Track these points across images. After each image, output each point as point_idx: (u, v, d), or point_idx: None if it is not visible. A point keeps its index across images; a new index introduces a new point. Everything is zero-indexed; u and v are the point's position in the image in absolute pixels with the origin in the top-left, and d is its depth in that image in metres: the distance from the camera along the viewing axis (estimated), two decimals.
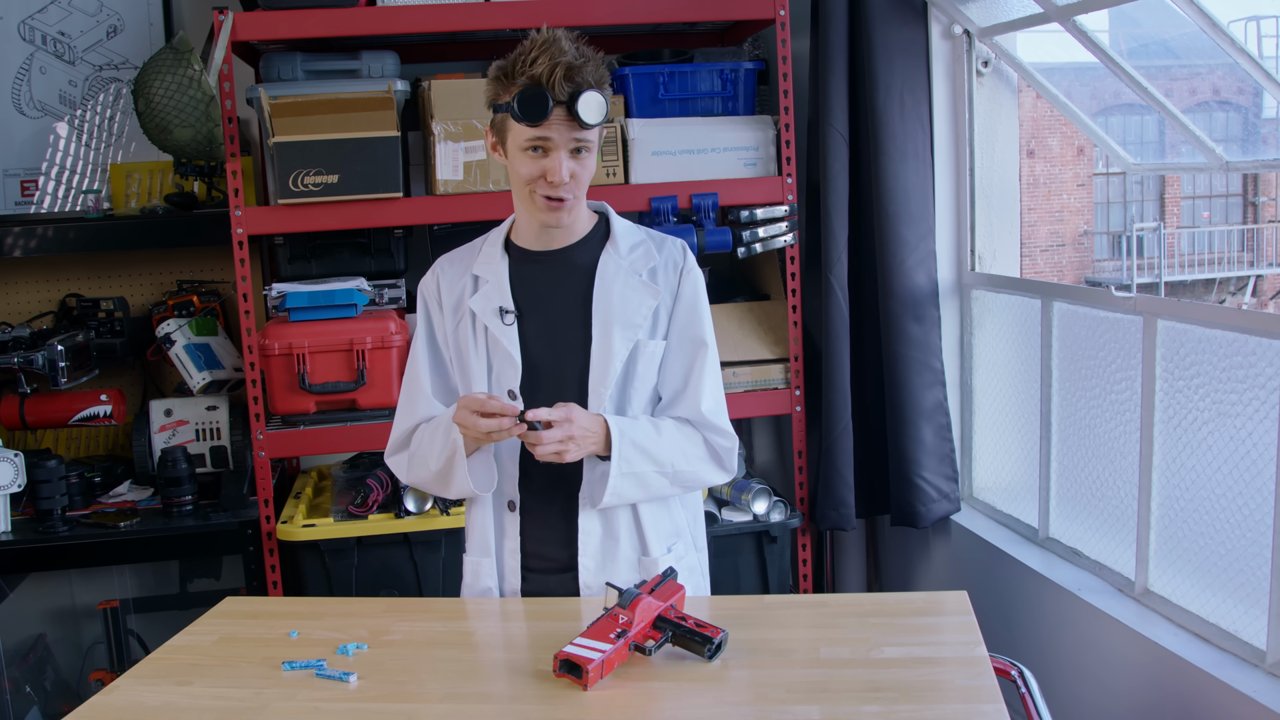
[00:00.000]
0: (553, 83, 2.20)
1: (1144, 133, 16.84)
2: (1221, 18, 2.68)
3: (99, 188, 4.12)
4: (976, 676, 1.95)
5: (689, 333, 2.44)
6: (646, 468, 2.34)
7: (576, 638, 2.01)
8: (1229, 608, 2.68)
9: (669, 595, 2.13)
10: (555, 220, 2.33)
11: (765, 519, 3.71)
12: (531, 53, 2.22)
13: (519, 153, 2.28)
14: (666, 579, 2.17)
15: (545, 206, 2.30)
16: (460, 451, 2.32)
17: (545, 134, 2.23)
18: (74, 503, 3.64)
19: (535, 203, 2.31)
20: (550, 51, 2.21)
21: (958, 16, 3.62)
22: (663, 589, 2.13)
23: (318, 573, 3.51)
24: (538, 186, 2.28)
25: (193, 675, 2.09)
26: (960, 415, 3.83)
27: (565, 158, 2.25)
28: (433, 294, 2.49)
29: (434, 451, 2.37)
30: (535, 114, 2.20)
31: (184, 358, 3.77)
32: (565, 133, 2.24)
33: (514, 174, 2.32)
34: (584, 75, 2.22)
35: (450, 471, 2.36)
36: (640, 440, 2.34)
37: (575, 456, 2.28)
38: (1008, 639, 3.35)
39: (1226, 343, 2.68)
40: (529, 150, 2.26)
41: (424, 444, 2.41)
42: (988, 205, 3.77)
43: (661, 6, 3.63)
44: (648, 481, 2.36)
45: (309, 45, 3.74)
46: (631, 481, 2.34)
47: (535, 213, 2.33)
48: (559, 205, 2.30)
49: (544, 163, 2.26)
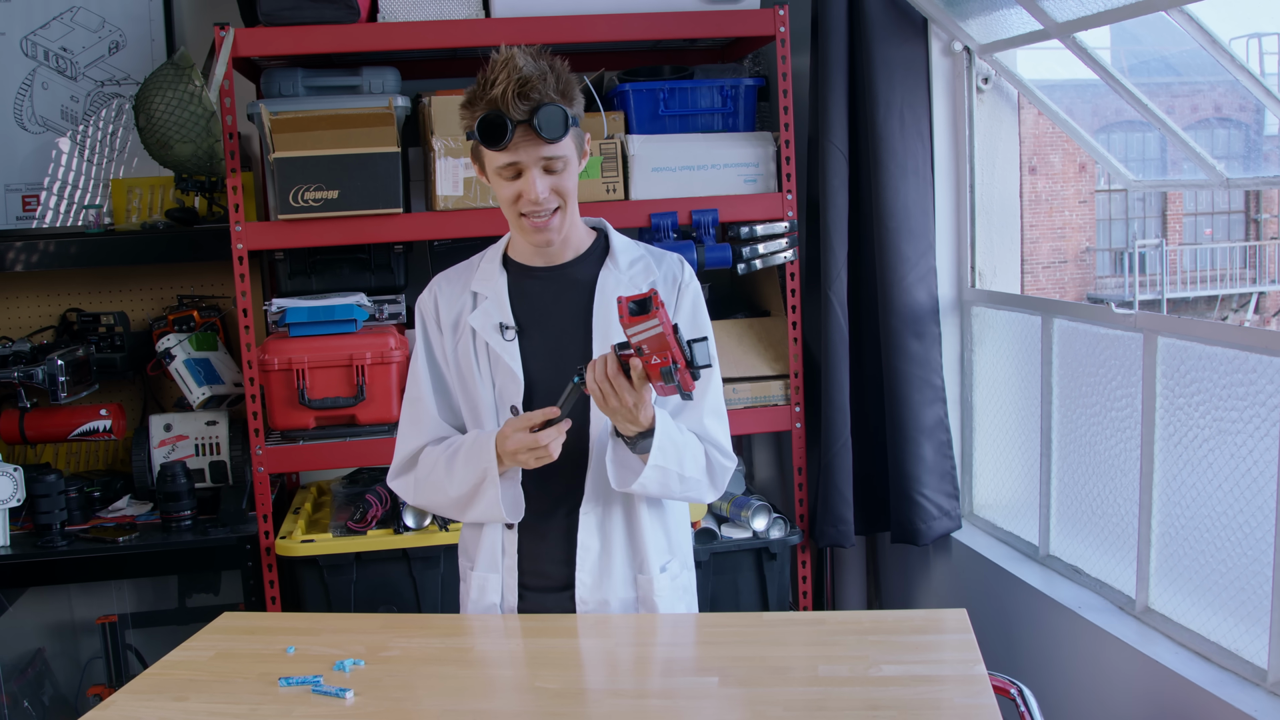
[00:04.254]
0: (507, 103, 2.18)
1: (1145, 149, 16.83)
2: (1222, 35, 2.68)
3: (100, 203, 4.12)
4: (976, 695, 1.95)
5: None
6: (673, 466, 2.32)
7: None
8: (1230, 626, 2.67)
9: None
10: (543, 240, 2.33)
11: (765, 536, 3.70)
12: (491, 74, 2.21)
13: (496, 177, 2.29)
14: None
15: (530, 227, 2.31)
16: (493, 476, 2.30)
17: (513, 157, 2.23)
18: (73, 517, 3.64)
19: (521, 225, 2.32)
20: (504, 73, 2.19)
21: (958, 33, 3.63)
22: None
23: (316, 588, 3.50)
24: (520, 206, 2.28)
25: (189, 691, 2.08)
26: (960, 432, 3.83)
27: (538, 176, 2.25)
28: (430, 312, 2.48)
29: (456, 477, 2.35)
30: (494, 138, 2.21)
31: (184, 373, 3.77)
32: (532, 151, 2.23)
33: (498, 197, 2.33)
34: (541, 90, 2.20)
35: (475, 498, 2.34)
36: (676, 439, 2.32)
37: (610, 414, 2.22)
38: (1008, 657, 3.33)
39: (1227, 360, 2.67)
40: (502, 173, 2.26)
41: (439, 469, 2.39)
42: (988, 222, 3.77)
43: (661, 23, 3.63)
44: (669, 480, 2.32)
45: (310, 61, 3.74)
46: (658, 475, 2.30)
47: (524, 233, 2.34)
48: (543, 224, 2.30)
49: (518, 185, 2.27)
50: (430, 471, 2.42)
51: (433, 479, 2.41)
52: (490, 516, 2.37)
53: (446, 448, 2.41)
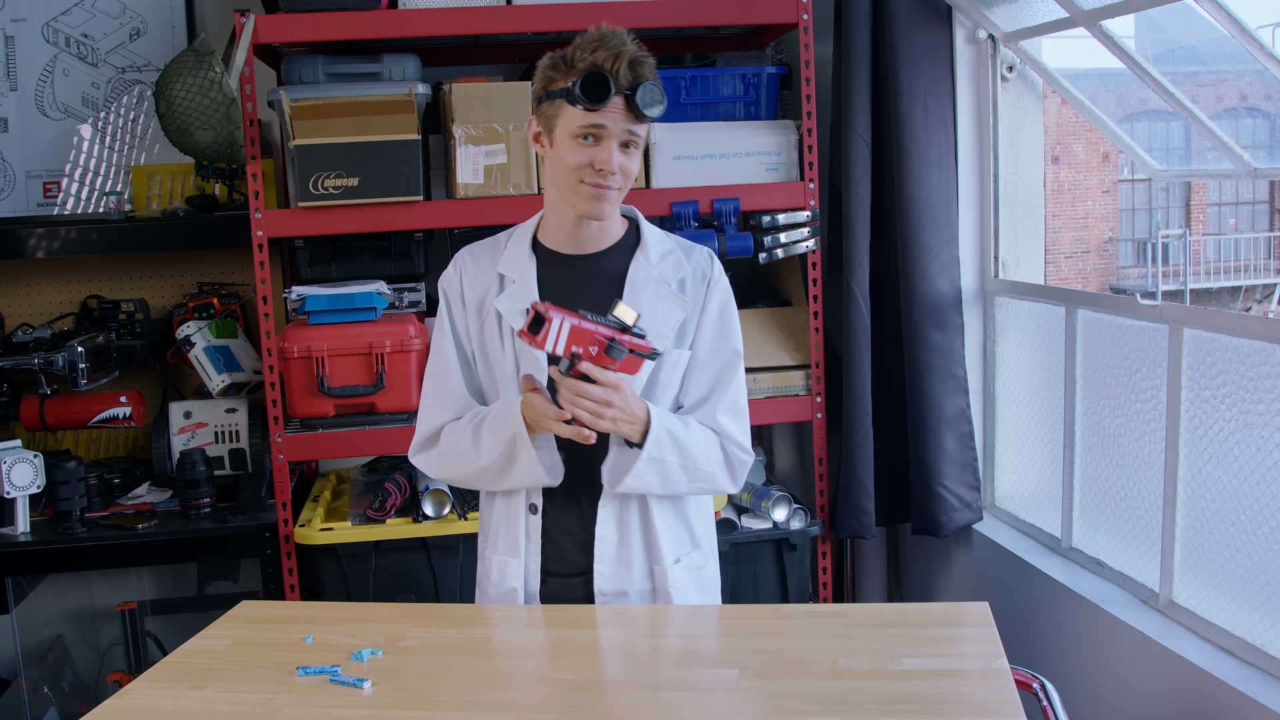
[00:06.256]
0: (617, 70, 2.20)
1: (1170, 139, 16.74)
2: (1250, 23, 2.65)
3: (121, 190, 4.12)
4: (997, 689, 1.93)
5: (716, 345, 2.42)
6: (672, 458, 2.31)
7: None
8: (1255, 620, 2.65)
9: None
10: (598, 211, 2.29)
11: (785, 526, 3.68)
12: (592, 42, 2.23)
13: (568, 140, 2.25)
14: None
15: (590, 194, 2.27)
16: (524, 437, 2.28)
17: (601, 121, 2.22)
18: (93, 504, 3.64)
19: (580, 191, 2.27)
20: (612, 43, 2.22)
21: (982, 21, 3.60)
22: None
23: (335, 576, 3.50)
24: (584, 174, 2.26)
25: (207, 680, 2.08)
26: (983, 423, 3.80)
27: (616, 149, 2.24)
28: (454, 289, 2.46)
29: (484, 446, 2.33)
30: (597, 96, 2.19)
31: (203, 360, 3.77)
32: (620, 122, 2.23)
33: (559, 163, 2.28)
34: (645, 69, 2.23)
35: (510, 463, 2.32)
36: (673, 429, 2.31)
37: (607, 427, 2.23)
38: (1029, 650, 3.31)
39: (1254, 352, 2.64)
40: (580, 138, 2.24)
41: (465, 441, 2.37)
42: (1011, 211, 3.74)
43: (684, 10, 3.61)
44: (669, 473, 2.32)
45: (330, 48, 3.73)
46: (655, 468, 2.30)
47: (578, 201, 2.29)
48: (604, 191, 2.27)
49: (594, 150, 2.24)
50: (456, 444, 2.39)
51: (459, 451, 2.39)
52: (529, 480, 2.35)
53: (470, 419, 2.39)
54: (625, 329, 2.17)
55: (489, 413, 2.37)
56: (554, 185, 2.34)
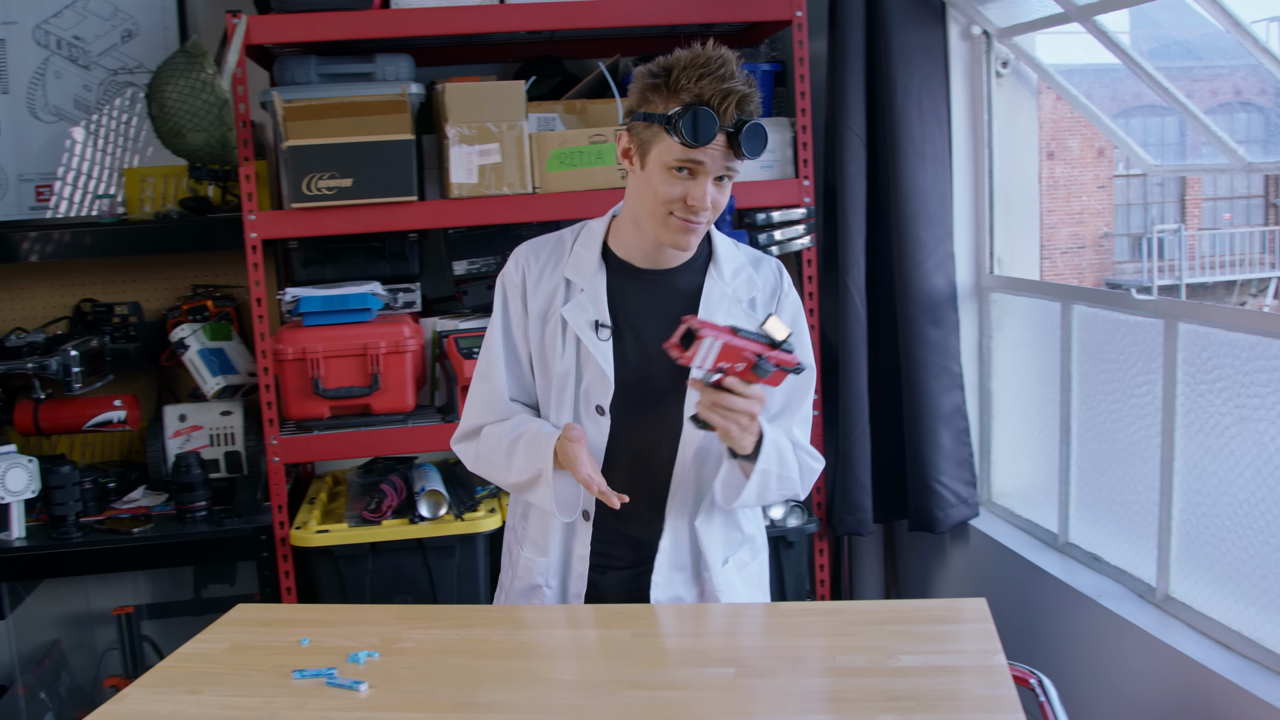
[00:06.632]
0: (725, 109, 2.12)
1: (1165, 134, 16.76)
2: (1244, 17, 2.64)
3: (114, 192, 4.11)
4: (995, 686, 1.92)
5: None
6: (775, 469, 2.27)
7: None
8: (1252, 614, 2.65)
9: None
10: (684, 244, 2.25)
11: (782, 524, 3.68)
12: (699, 67, 2.13)
13: (663, 170, 2.17)
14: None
15: (680, 228, 2.21)
16: (549, 476, 2.26)
17: (700, 158, 2.14)
18: (88, 508, 3.63)
19: (669, 224, 2.21)
20: (720, 74, 2.13)
21: (976, 17, 3.60)
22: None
23: (332, 579, 3.49)
24: (675, 208, 2.19)
25: (203, 684, 2.07)
26: (979, 419, 3.80)
27: (710, 184, 2.18)
28: (516, 287, 2.39)
29: (515, 466, 2.32)
30: (702, 137, 2.11)
31: (198, 363, 3.76)
32: (719, 160, 2.15)
33: (649, 189, 2.21)
34: (751, 106, 2.15)
35: (532, 490, 2.32)
36: (779, 442, 2.29)
37: (735, 438, 2.18)
38: (1027, 646, 3.31)
39: (1249, 346, 2.64)
40: (675, 170, 2.16)
41: (499, 452, 2.35)
42: (1007, 207, 3.74)
43: (678, 8, 3.61)
44: (769, 483, 2.29)
45: (323, 48, 3.72)
46: (760, 480, 2.26)
47: (664, 232, 2.23)
48: (693, 227, 2.21)
49: (689, 185, 2.17)
50: (492, 451, 2.37)
51: (493, 459, 2.37)
52: (545, 509, 2.33)
53: (511, 430, 2.35)
54: (775, 344, 2.12)
55: (528, 431, 2.33)
56: (640, 208, 2.26)
